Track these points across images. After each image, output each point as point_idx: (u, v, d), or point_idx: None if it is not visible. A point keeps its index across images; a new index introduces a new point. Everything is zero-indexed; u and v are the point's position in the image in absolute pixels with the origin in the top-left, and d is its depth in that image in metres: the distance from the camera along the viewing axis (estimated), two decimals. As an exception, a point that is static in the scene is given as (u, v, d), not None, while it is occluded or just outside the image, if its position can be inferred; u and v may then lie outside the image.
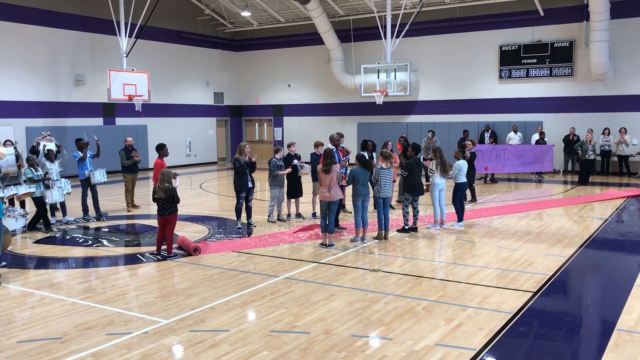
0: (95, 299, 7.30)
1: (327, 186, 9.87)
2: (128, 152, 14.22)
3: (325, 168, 9.84)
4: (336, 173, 9.92)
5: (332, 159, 9.89)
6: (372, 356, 5.46)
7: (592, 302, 7.33)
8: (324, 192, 9.92)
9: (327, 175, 9.83)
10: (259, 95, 29.09)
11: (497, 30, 22.52)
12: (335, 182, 9.89)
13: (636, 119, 20.28)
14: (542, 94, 21.98)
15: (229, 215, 13.10)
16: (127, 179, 14.33)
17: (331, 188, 9.87)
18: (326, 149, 10.28)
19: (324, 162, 9.96)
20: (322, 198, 9.97)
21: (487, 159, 18.35)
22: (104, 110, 23.17)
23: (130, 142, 14.52)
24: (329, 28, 24.51)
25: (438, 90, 24.10)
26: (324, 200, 9.92)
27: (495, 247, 9.94)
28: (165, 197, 9.27)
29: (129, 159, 14.12)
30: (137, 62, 22.17)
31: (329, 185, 9.86)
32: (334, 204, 10.02)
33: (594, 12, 19.43)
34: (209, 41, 27.74)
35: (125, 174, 14.30)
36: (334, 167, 9.87)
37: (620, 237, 10.75)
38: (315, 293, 7.42)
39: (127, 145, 14.32)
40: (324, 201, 9.93)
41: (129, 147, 14.31)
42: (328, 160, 9.88)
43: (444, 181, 11.38)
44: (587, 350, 5.72)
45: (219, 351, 5.61)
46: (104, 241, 10.78)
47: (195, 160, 27.38)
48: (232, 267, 8.76)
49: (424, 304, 6.96)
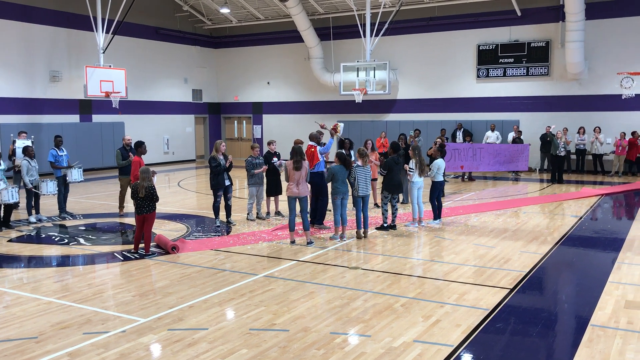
0: (71, 298, 7.21)
1: (295, 182, 9.94)
2: (125, 152, 12.70)
3: (296, 165, 9.91)
4: (305, 170, 9.96)
5: (301, 155, 9.95)
6: (351, 353, 5.49)
7: (567, 298, 7.45)
8: (291, 188, 10.02)
9: (297, 171, 9.91)
10: (238, 92, 28.97)
11: (475, 29, 22.74)
12: (303, 179, 9.96)
13: (610, 119, 20.64)
14: (518, 93, 22.24)
15: (207, 214, 13.04)
16: (122, 181, 12.91)
17: (299, 184, 9.92)
18: (294, 146, 10.29)
19: (294, 158, 10.03)
20: (289, 194, 10.08)
21: (463, 157, 18.49)
22: (80, 107, 22.87)
23: (129, 140, 12.97)
24: (308, 26, 24.49)
25: (417, 89, 24.24)
26: (291, 196, 10.02)
27: (473, 244, 10.04)
28: (145, 196, 9.20)
29: (124, 159, 12.63)
30: (115, 58, 21.90)
31: (297, 181, 9.92)
32: (303, 201, 10.08)
33: (570, 13, 19.72)
34: (188, 38, 27.53)
35: (121, 176, 12.88)
36: (303, 164, 9.93)
37: (594, 235, 10.94)
38: (294, 291, 7.43)
39: (125, 145, 12.88)
40: (291, 197, 10.02)
41: (126, 147, 12.80)
42: (297, 157, 9.96)
43: (422, 179, 11.47)
44: (561, 346, 5.82)
45: (198, 349, 5.59)
46: (81, 239, 10.65)
47: (173, 157, 27.17)
48: (210, 266, 8.73)
49: (402, 301, 7.01)
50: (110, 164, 23.38)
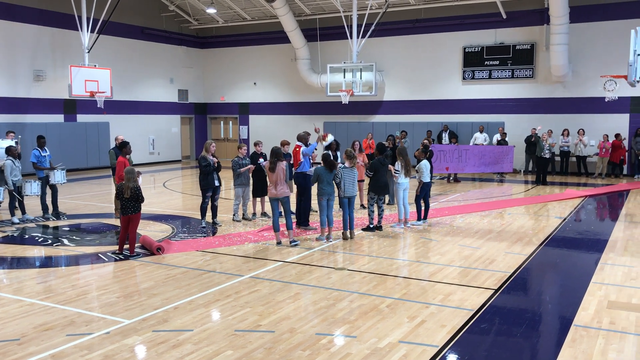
0: (55, 299, 7.14)
1: (273, 183, 9.93)
2: (119, 152, 12.03)
3: (270, 166, 9.92)
4: (282, 171, 9.94)
5: (277, 156, 9.95)
6: (337, 354, 5.49)
7: (551, 299, 7.52)
8: (270, 189, 10.06)
9: (273, 173, 9.91)
10: (225, 93, 28.89)
11: (461, 32, 22.88)
12: (282, 180, 9.95)
13: (594, 121, 20.86)
14: (504, 95, 22.41)
15: (193, 214, 12.98)
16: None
17: (277, 185, 9.92)
18: (273, 148, 10.25)
19: (270, 160, 10.02)
20: (269, 195, 10.12)
21: (448, 159, 18.61)
22: (64, 107, 22.67)
23: (121, 140, 12.57)
24: (295, 27, 24.49)
25: (403, 90, 24.34)
26: (272, 198, 10.03)
27: (458, 245, 10.10)
28: (130, 196, 9.14)
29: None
30: (100, 58, 21.74)
31: (275, 182, 9.91)
32: (285, 202, 10.09)
33: (554, 16, 19.91)
34: (174, 38, 27.40)
35: (114, 176, 12.20)
36: (279, 165, 9.91)
37: (578, 236, 11.04)
38: (280, 292, 7.42)
39: (118, 144, 12.53)
40: (272, 198, 10.03)
41: (120, 147, 12.23)
42: (273, 158, 9.95)
43: (408, 181, 11.51)
44: (545, 346, 5.87)
45: (183, 351, 5.56)
46: (65, 240, 10.56)
47: (158, 158, 27.01)
48: (196, 267, 8.69)
49: (388, 301, 7.02)
50: (95, 164, 23.22)
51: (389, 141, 14.42)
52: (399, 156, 11.50)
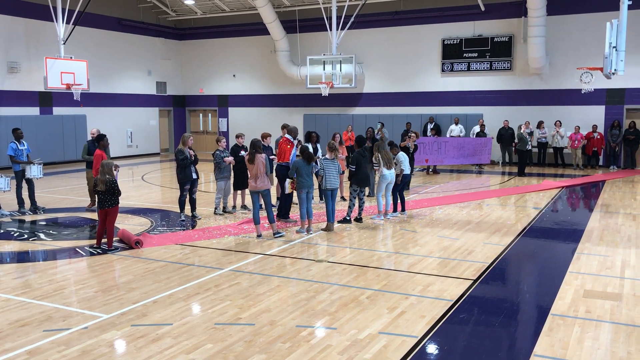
0: (31, 295, 7.04)
1: (254, 176, 9.89)
2: (93, 146, 12.09)
3: (249, 157, 9.87)
4: (262, 163, 9.90)
5: (257, 149, 9.90)
6: (317, 346, 5.50)
7: (529, 288, 7.61)
8: (250, 182, 10.00)
9: (252, 165, 9.86)
10: (204, 85, 28.66)
11: (440, 24, 22.94)
12: (262, 172, 9.90)
13: (571, 113, 21.11)
14: (482, 87, 22.56)
15: (172, 208, 12.88)
16: (89, 175, 12.60)
17: (257, 178, 9.88)
18: (253, 140, 10.20)
19: (249, 151, 9.97)
20: (249, 188, 10.07)
21: (428, 151, 18.72)
22: (40, 99, 22.29)
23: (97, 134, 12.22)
24: (274, 18, 24.34)
25: (383, 82, 24.37)
26: (252, 190, 9.99)
27: (437, 236, 10.17)
28: (106, 190, 9.03)
29: (90, 154, 12.20)
30: (76, 49, 21.40)
31: (255, 175, 9.87)
32: (265, 195, 10.05)
33: (532, 9, 20.07)
34: (151, 29, 27.07)
35: (88, 169, 12.72)
36: (258, 157, 9.86)
37: (555, 226, 11.19)
38: (260, 285, 7.41)
39: (94, 137, 12.28)
40: (252, 191, 9.99)
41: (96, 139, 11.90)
42: (252, 149, 9.90)
43: (391, 173, 11.49)
44: (523, 335, 5.94)
45: (162, 345, 5.53)
46: (41, 235, 10.41)
47: (137, 151, 26.73)
48: (175, 260, 8.63)
49: (368, 293, 7.05)
50: (72, 157, 22.90)
51: (369, 133, 14.44)
52: (375, 151, 11.55)
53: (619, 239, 9.89)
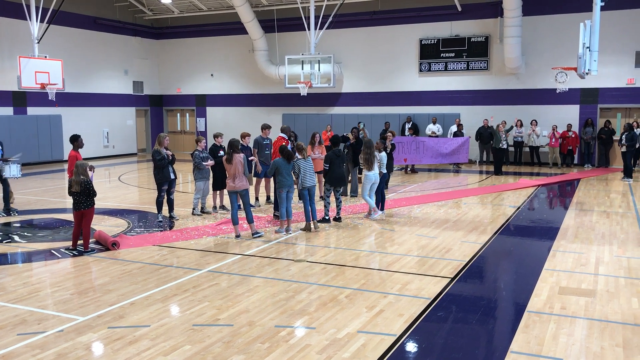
0: (5, 298, 6.93)
1: (232, 176, 9.84)
2: None
3: (227, 157, 9.83)
4: (240, 163, 9.85)
5: (234, 148, 9.86)
6: (296, 346, 5.50)
7: (505, 286, 7.70)
8: (229, 182, 9.95)
9: (230, 165, 9.81)
10: (181, 84, 28.44)
11: (418, 24, 23.08)
12: (240, 172, 9.85)
13: (546, 112, 21.40)
14: (459, 87, 22.75)
15: (149, 209, 12.77)
16: None
17: (235, 177, 9.84)
18: (230, 139, 10.15)
19: (227, 151, 9.93)
20: (227, 188, 10.02)
21: (406, 150, 18.83)
22: (13, 99, 21.91)
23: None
24: (252, 17, 24.26)
25: (361, 82, 24.43)
26: (230, 191, 9.94)
27: (415, 235, 10.23)
28: (80, 191, 8.91)
29: None
30: (50, 48, 21.07)
31: (233, 175, 9.83)
32: (244, 195, 10.01)
33: (508, 9, 20.30)
34: (128, 28, 26.78)
35: None
36: (236, 157, 9.82)
37: (531, 224, 11.34)
38: (239, 285, 7.38)
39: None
40: (230, 191, 9.95)
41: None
42: (229, 149, 9.87)
43: (374, 173, 11.45)
44: (500, 332, 6.01)
45: (139, 347, 5.48)
46: (15, 237, 10.24)
47: (113, 151, 26.42)
48: (152, 262, 8.55)
49: (346, 292, 7.07)
50: (47, 158, 22.56)
51: (353, 133, 14.48)
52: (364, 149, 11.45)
53: (593, 237, 10.06)
